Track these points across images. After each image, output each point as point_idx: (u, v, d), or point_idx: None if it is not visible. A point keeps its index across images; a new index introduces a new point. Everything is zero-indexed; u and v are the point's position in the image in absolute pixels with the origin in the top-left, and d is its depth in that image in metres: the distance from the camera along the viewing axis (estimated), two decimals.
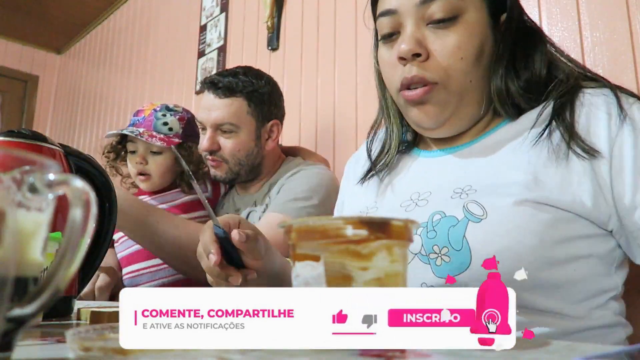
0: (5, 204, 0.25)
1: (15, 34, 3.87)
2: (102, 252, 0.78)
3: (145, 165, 1.33)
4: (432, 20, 0.63)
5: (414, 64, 0.63)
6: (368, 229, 0.34)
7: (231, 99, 1.21)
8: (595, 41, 1.17)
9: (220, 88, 1.22)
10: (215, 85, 1.22)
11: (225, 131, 1.22)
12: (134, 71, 3.11)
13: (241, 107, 1.22)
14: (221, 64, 2.32)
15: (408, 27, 0.63)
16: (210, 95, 1.23)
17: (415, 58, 0.63)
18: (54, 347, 0.37)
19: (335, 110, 1.77)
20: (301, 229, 0.36)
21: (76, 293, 0.70)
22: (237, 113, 1.22)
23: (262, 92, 1.26)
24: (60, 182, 0.29)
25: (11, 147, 0.61)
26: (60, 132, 3.89)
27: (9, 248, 0.25)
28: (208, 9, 2.51)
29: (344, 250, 0.34)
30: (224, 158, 1.24)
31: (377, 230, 0.34)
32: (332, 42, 1.83)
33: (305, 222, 0.36)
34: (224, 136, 1.23)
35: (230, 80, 1.22)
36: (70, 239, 0.29)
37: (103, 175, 0.77)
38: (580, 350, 0.33)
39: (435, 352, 0.32)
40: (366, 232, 0.34)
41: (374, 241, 0.34)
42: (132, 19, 3.26)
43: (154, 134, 1.31)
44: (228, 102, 1.21)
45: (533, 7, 1.30)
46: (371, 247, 0.34)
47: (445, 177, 0.66)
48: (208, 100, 1.23)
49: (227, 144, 1.23)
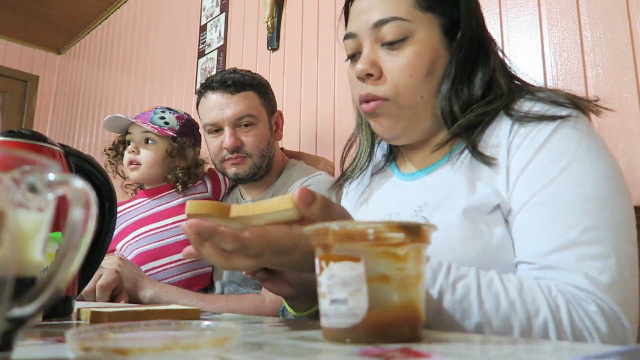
0: (5, 204, 0.25)
1: (15, 34, 3.87)
2: (102, 252, 0.78)
3: (136, 154, 1.35)
4: (385, 42, 0.68)
5: (369, 82, 0.69)
6: (405, 233, 0.38)
7: (244, 93, 1.24)
8: (595, 41, 1.17)
9: (230, 85, 1.23)
10: (224, 83, 1.23)
11: (246, 125, 1.23)
12: (134, 71, 3.12)
13: (254, 99, 1.25)
14: (221, 64, 2.32)
15: (365, 48, 0.70)
16: (219, 94, 1.23)
17: (369, 77, 0.69)
18: (53, 347, 0.37)
19: (335, 110, 1.77)
20: (340, 231, 0.38)
21: (76, 293, 0.71)
22: (253, 105, 1.25)
23: (263, 83, 1.30)
24: (60, 182, 0.29)
25: (11, 147, 0.61)
26: (60, 132, 3.89)
27: (9, 248, 0.25)
28: (208, 9, 2.51)
29: (383, 252, 0.37)
30: (247, 153, 1.24)
31: (412, 234, 0.38)
32: (332, 42, 1.83)
33: (344, 225, 0.38)
34: (243, 131, 1.24)
35: (236, 76, 1.25)
36: (71, 239, 0.29)
37: (103, 175, 0.77)
38: (580, 350, 0.33)
39: (435, 352, 0.32)
40: (403, 235, 0.37)
41: (410, 244, 0.38)
42: (132, 19, 3.26)
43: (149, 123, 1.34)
44: (242, 96, 1.23)
45: (533, 7, 1.30)
46: (407, 249, 0.38)
47: (411, 197, 0.71)
48: (218, 100, 1.23)
49: (249, 138, 1.24)
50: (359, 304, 0.36)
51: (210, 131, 1.26)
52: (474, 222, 0.61)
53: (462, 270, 0.54)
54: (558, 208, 0.57)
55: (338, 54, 1.80)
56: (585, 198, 0.56)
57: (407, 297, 0.38)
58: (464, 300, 0.51)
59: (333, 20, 1.84)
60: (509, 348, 0.35)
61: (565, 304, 0.51)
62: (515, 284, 0.53)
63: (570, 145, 0.60)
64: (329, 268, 0.38)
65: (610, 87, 1.13)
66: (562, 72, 1.22)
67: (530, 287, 0.53)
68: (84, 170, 0.74)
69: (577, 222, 0.55)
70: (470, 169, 0.66)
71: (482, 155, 0.64)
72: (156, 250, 1.28)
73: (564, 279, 0.54)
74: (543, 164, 0.60)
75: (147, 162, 1.34)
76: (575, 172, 0.58)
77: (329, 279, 0.38)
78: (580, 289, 0.52)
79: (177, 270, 1.27)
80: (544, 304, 0.51)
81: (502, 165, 0.63)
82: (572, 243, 0.55)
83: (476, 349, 0.34)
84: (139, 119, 1.36)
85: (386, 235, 0.37)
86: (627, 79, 1.10)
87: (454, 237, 0.61)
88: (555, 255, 0.55)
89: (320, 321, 0.39)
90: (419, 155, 0.76)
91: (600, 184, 0.57)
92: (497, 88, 0.69)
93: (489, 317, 0.51)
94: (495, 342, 0.37)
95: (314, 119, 1.84)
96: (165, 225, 1.31)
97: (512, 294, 0.52)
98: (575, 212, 0.56)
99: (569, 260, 0.54)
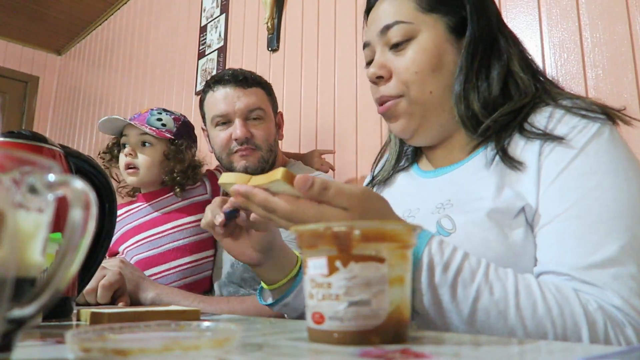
0: (5, 204, 0.25)
1: (15, 35, 3.87)
2: (101, 253, 0.78)
3: (134, 157, 1.33)
4: (392, 44, 0.72)
5: (380, 84, 0.73)
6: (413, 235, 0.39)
7: (255, 89, 1.27)
8: (595, 42, 1.17)
9: (242, 80, 1.26)
10: (236, 78, 1.26)
11: (256, 118, 1.26)
12: (134, 72, 3.12)
13: (264, 96, 1.29)
14: (221, 64, 2.32)
15: (376, 53, 0.74)
16: (230, 87, 1.26)
17: (380, 80, 0.73)
18: (53, 348, 0.37)
19: (335, 111, 1.77)
20: (369, 230, 0.37)
21: (76, 294, 0.70)
22: (263, 100, 1.28)
23: (269, 84, 1.34)
24: (60, 183, 0.29)
25: (11, 148, 0.61)
26: (61, 133, 3.89)
27: (9, 249, 0.25)
28: (208, 9, 2.51)
29: (403, 254, 0.38)
30: (257, 145, 1.26)
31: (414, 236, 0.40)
32: (332, 43, 1.83)
33: (368, 225, 0.38)
34: (253, 123, 1.26)
35: (247, 73, 1.29)
36: (71, 240, 0.29)
37: (103, 176, 0.77)
38: (581, 350, 0.33)
39: (435, 353, 0.32)
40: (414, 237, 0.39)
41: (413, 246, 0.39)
42: (133, 20, 3.26)
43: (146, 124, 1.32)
44: (253, 90, 1.27)
45: (533, 7, 1.30)
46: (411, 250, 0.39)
47: (432, 194, 0.72)
48: (230, 92, 1.25)
49: (258, 131, 1.26)
50: (382, 305, 0.36)
51: (219, 124, 1.27)
52: (498, 224, 0.61)
53: (501, 271, 0.54)
54: (593, 223, 0.56)
55: (338, 55, 1.80)
56: (622, 214, 0.56)
57: (408, 297, 0.38)
58: (500, 301, 0.51)
59: (333, 21, 1.84)
60: (510, 349, 0.35)
61: (603, 319, 0.51)
62: (554, 292, 0.53)
63: (604, 157, 0.59)
64: (349, 269, 0.37)
65: (610, 87, 1.13)
66: (562, 73, 1.22)
67: (569, 297, 0.52)
68: (84, 171, 0.74)
69: (614, 239, 0.55)
70: (497, 171, 0.65)
71: (511, 159, 0.64)
72: (155, 257, 1.27)
73: (601, 296, 0.53)
74: (578, 174, 0.59)
75: (145, 166, 1.32)
76: (610, 187, 0.57)
77: (350, 280, 0.37)
78: (616, 308, 0.52)
79: (176, 276, 1.27)
80: (581, 316, 0.51)
81: (531, 168, 0.63)
82: (609, 261, 0.54)
83: (476, 350, 0.34)
84: (135, 120, 1.34)
85: (409, 237, 0.38)
86: (627, 80, 1.10)
87: (476, 238, 0.61)
88: (593, 272, 0.54)
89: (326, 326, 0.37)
90: (440, 155, 0.77)
91: (635, 200, 0.57)
92: (519, 84, 0.69)
93: (525, 322, 0.51)
94: (496, 343, 0.37)
95: (314, 119, 1.84)
96: (164, 231, 1.30)
97: (550, 301, 0.52)
98: (613, 228, 0.55)
99: (606, 278, 0.54)
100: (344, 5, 1.81)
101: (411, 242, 0.39)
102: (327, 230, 0.38)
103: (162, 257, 1.27)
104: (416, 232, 0.39)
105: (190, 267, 1.27)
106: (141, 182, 1.35)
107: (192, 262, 1.28)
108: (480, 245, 0.60)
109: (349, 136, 1.69)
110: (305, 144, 1.85)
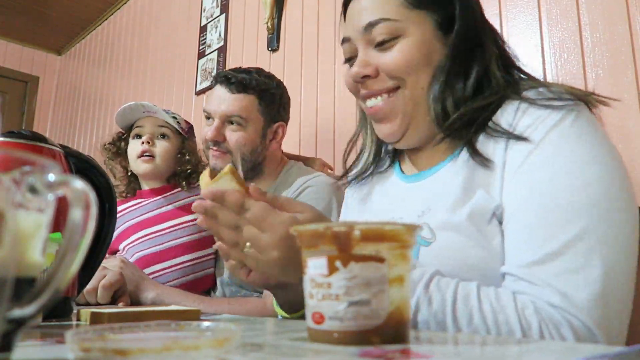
0: (5, 204, 0.25)
1: (15, 35, 3.87)
2: (101, 253, 0.78)
3: (151, 146, 1.35)
4: (376, 42, 0.69)
5: (367, 82, 0.70)
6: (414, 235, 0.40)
7: (243, 95, 1.24)
8: (595, 42, 1.17)
9: (233, 83, 1.24)
10: (228, 80, 1.25)
11: (233, 123, 1.25)
12: (134, 72, 3.12)
13: (252, 104, 1.26)
14: (221, 64, 2.32)
15: (359, 51, 0.71)
16: (223, 89, 1.25)
17: (367, 78, 0.70)
18: (53, 347, 0.37)
19: (335, 111, 1.77)
20: (369, 230, 0.37)
21: (76, 294, 0.70)
22: (247, 108, 1.25)
23: (273, 92, 1.29)
24: (60, 183, 0.29)
25: (11, 148, 0.61)
26: (61, 133, 3.89)
27: (9, 249, 0.25)
28: (208, 9, 2.51)
29: (403, 254, 0.38)
30: (228, 149, 1.25)
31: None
32: (332, 43, 1.83)
33: (369, 225, 0.38)
34: (231, 128, 1.25)
35: (244, 77, 1.25)
36: (71, 240, 0.29)
37: (103, 176, 0.77)
38: (582, 351, 0.33)
39: (435, 353, 0.32)
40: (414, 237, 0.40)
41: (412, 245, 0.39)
42: (133, 19, 3.26)
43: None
44: (240, 97, 1.24)
45: (533, 7, 1.30)
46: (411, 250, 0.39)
47: (413, 201, 0.70)
48: (219, 94, 1.25)
49: (233, 136, 1.25)
50: (382, 305, 0.36)
51: (206, 117, 1.29)
52: (477, 228, 0.60)
53: (443, 282, 0.54)
54: (543, 216, 0.55)
55: (338, 55, 1.80)
56: (575, 204, 0.54)
57: (408, 297, 0.38)
58: (438, 313, 0.52)
59: (333, 21, 1.84)
60: (510, 348, 0.35)
61: (538, 323, 0.50)
62: (491, 300, 0.52)
63: (564, 146, 0.57)
64: (349, 269, 0.37)
65: (610, 87, 1.13)
66: (562, 73, 1.22)
67: (506, 303, 0.52)
68: (84, 171, 0.74)
69: (562, 232, 0.53)
70: (470, 171, 0.64)
71: (480, 156, 0.63)
72: (157, 254, 1.27)
73: (540, 295, 0.52)
74: (535, 168, 0.58)
75: (162, 155, 1.35)
76: (564, 177, 0.55)
77: (350, 280, 0.37)
78: (554, 307, 0.51)
79: (178, 273, 1.27)
80: (515, 324, 0.51)
81: (498, 166, 0.62)
82: (553, 255, 0.53)
83: (477, 350, 0.34)
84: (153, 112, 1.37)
85: (408, 237, 0.38)
86: (627, 80, 1.10)
87: (455, 245, 0.60)
88: (534, 269, 0.53)
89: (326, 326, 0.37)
90: (422, 157, 0.75)
91: (594, 188, 0.54)
92: (492, 81, 0.68)
93: (462, 331, 0.52)
94: (496, 343, 0.37)
95: (314, 119, 1.84)
96: (166, 228, 1.31)
97: (486, 310, 0.52)
98: (561, 220, 0.54)
99: (547, 275, 0.52)
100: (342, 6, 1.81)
101: (411, 242, 0.39)
102: (327, 230, 0.38)
103: (164, 254, 1.27)
104: (416, 232, 0.39)
105: (191, 264, 1.27)
106: (153, 172, 1.36)
107: (193, 259, 1.28)
108: (461, 251, 0.59)
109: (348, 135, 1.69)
110: (305, 144, 1.85)
